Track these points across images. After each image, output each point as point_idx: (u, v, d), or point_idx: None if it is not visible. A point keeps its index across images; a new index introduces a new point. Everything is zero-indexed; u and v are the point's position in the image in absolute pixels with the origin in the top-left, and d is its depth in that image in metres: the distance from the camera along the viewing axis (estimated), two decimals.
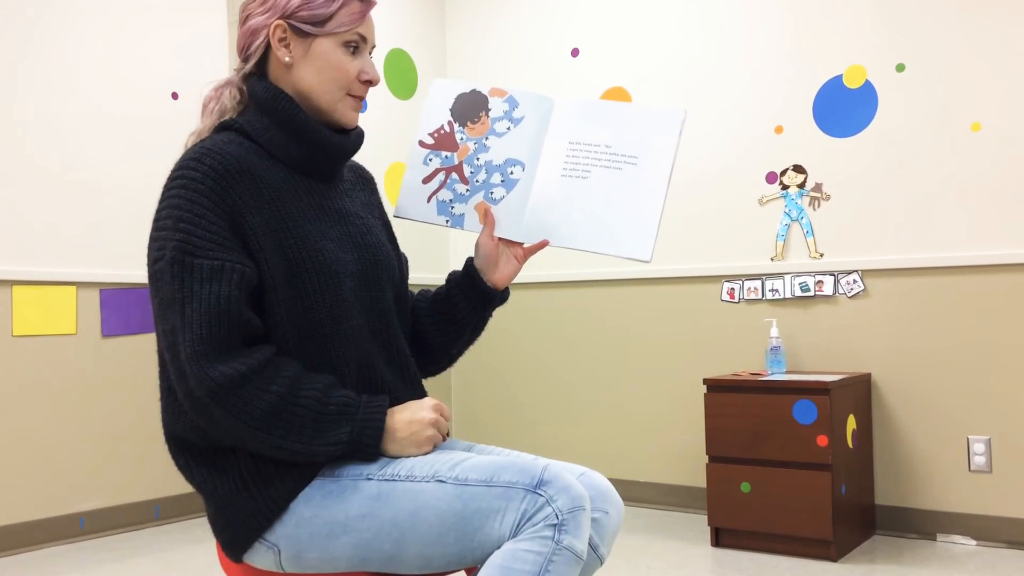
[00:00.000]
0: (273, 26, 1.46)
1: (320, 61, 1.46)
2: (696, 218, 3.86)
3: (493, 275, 1.61)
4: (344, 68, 1.47)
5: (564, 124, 1.58)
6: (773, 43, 3.68)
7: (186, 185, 1.36)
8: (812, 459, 3.05)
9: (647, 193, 1.54)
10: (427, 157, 1.62)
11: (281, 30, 1.46)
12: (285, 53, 1.46)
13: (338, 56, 1.47)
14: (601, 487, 1.45)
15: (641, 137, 1.55)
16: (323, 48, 1.46)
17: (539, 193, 1.57)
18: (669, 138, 1.55)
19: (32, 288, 3.42)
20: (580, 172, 1.56)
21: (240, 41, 1.51)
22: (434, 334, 1.65)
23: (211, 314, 1.31)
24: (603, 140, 1.56)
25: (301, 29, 1.45)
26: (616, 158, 1.55)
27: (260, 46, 1.48)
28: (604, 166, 1.56)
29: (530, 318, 4.31)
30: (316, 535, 1.35)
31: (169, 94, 3.87)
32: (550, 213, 1.56)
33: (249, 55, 1.49)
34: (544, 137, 1.58)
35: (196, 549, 3.35)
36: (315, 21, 1.45)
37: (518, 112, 1.59)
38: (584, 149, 1.57)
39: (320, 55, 1.46)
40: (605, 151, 1.56)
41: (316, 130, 1.47)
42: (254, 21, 1.48)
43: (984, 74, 3.26)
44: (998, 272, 3.22)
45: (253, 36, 1.48)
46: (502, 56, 4.46)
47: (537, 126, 1.59)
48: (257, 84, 1.48)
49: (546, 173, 1.57)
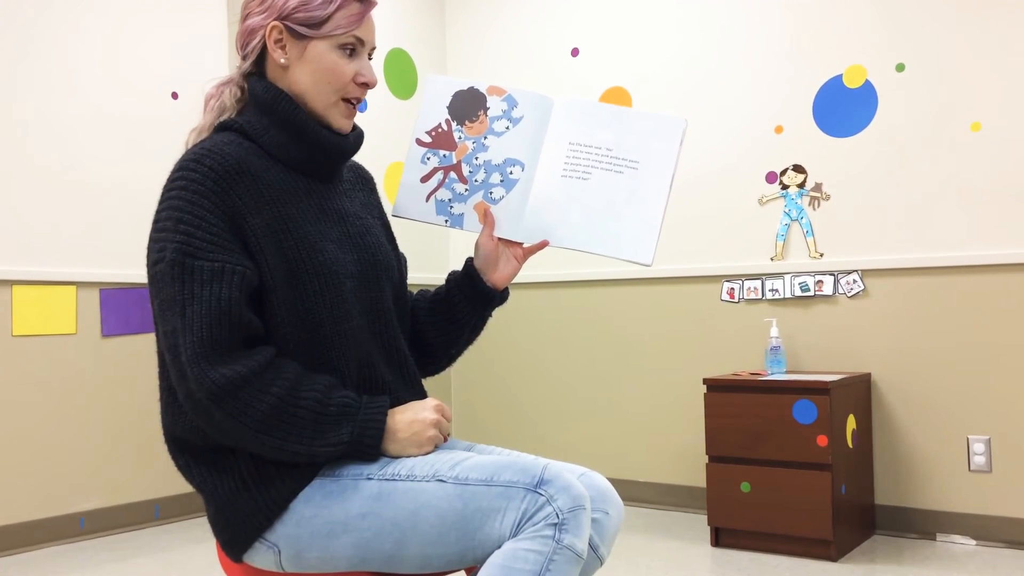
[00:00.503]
0: (270, 27, 1.45)
1: (315, 64, 1.45)
2: (696, 218, 3.86)
3: (493, 275, 1.61)
4: (339, 71, 1.46)
5: (564, 125, 1.57)
6: (773, 43, 3.68)
7: (186, 186, 1.36)
8: (812, 459, 3.05)
9: (648, 198, 1.54)
10: (425, 156, 1.61)
11: (277, 31, 1.45)
12: (281, 54, 1.46)
13: (333, 59, 1.46)
14: (601, 487, 1.45)
15: (642, 143, 1.55)
16: (318, 51, 1.45)
17: (539, 193, 1.57)
18: (671, 146, 1.55)
19: (32, 288, 3.42)
20: (581, 173, 1.56)
21: (239, 39, 1.51)
22: (434, 334, 1.65)
23: (212, 316, 1.31)
24: (604, 143, 1.56)
25: (297, 31, 1.44)
26: (617, 161, 1.55)
27: (257, 46, 1.47)
28: (605, 168, 1.55)
29: (530, 318, 4.31)
30: (316, 535, 1.35)
31: (169, 94, 3.87)
32: (550, 213, 1.56)
33: (247, 54, 1.49)
34: (544, 137, 1.57)
35: (196, 549, 3.35)
36: (311, 23, 1.44)
37: (517, 111, 1.59)
38: (585, 151, 1.56)
39: (315, 58, 1.45)
40: (607, 154, 1.56)
41: (316, 131, 1.47)
42: (252, 20, 1.47)
43: (984, 74, 3.26)
44: (998, 272, 3.23)
45: (250, 35, 1.48)
46: (502, 56, 4.46)
47: (536, 126, 1.58)
48: (257, 84, 1.48)
49: (546, 173, 1.57)
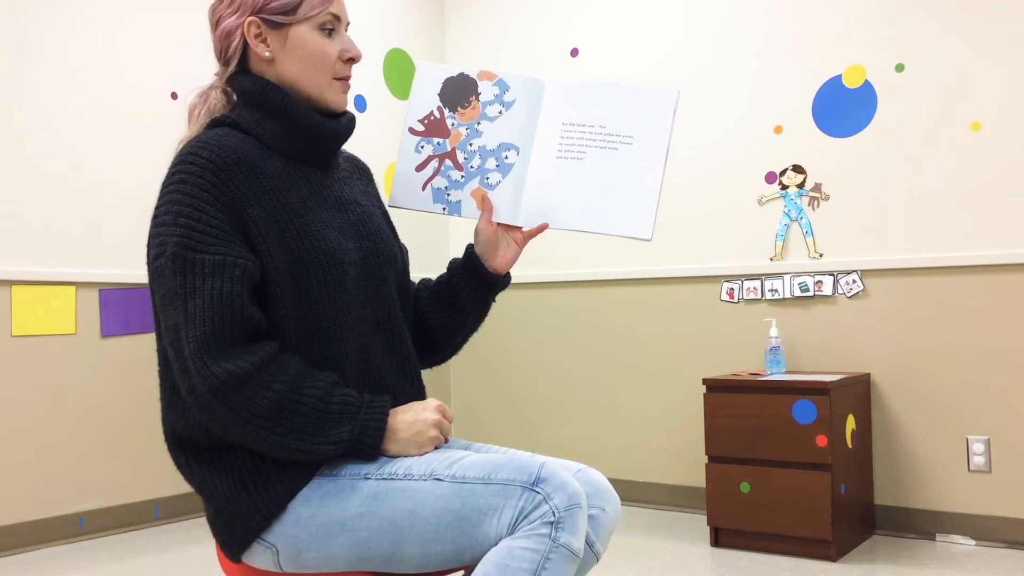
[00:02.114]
0: (247, 23, 1.45)
1: (300, 49, 1.46)
2: (695, 218, 3.86)
3: (494, 260, 1.61)
4: (324, 52, 1.47)
5: (557, 106, 1.57)
6: (772, 43, 3.68)
7: (185, 180, 1.35)
8: (811, 459, 3.05)
9: (644, 172, 1.53)
10: (418, 144, 1.61)
11: (255, 26, 1.45)
12: (264, 48, 1.46)
13: (316, 40, 1.46)
14: (598, 484, 1.45)
15: (635, 117, 1.55)
16: (300, 35, 1.45)
17: (535, 176, 1.56)
18: (663, 117, 1.54)
19: (31, 288, 3.42)
20: (575, 153, 1.56)
21: (216, 45, 1.50)
22: (437, 322, 1.64)
23: (214, 310, 1.30)
24: (597, 120, 1.55)
25: (274, 21, 1.45)
26: (611, 138, 1.55)
27: (238, 46, 1.47)
28: (599, 147, 1.55)
29: (529, 318, 4.31)
30: (315, 535, 1.35)
31: (168, 94, 3.87)
32: (548, 196, 1.56)
33: (229, 58, 1.48)
34: (537, 120, 1.57)
35: (195, 549, 3.35)
36: (286, 10, 1.44)
37: (509, 95, 1.58)
38: (578, 130, 1.56)
39: (298, 43, 1.46)
40: (600, 131, 1.55)
41: (307, 115, 1.47)
42: (226, 23, 1.47)
43: (984, 74, 3.26)
44: (997, 272, 3.22)
45: (228, 38, 1.47)
46: (501, 56, 4.46)
47: (529, 109, 1.58)
48: (244, 79, 1.47)
49: (541, 156, 1.56)
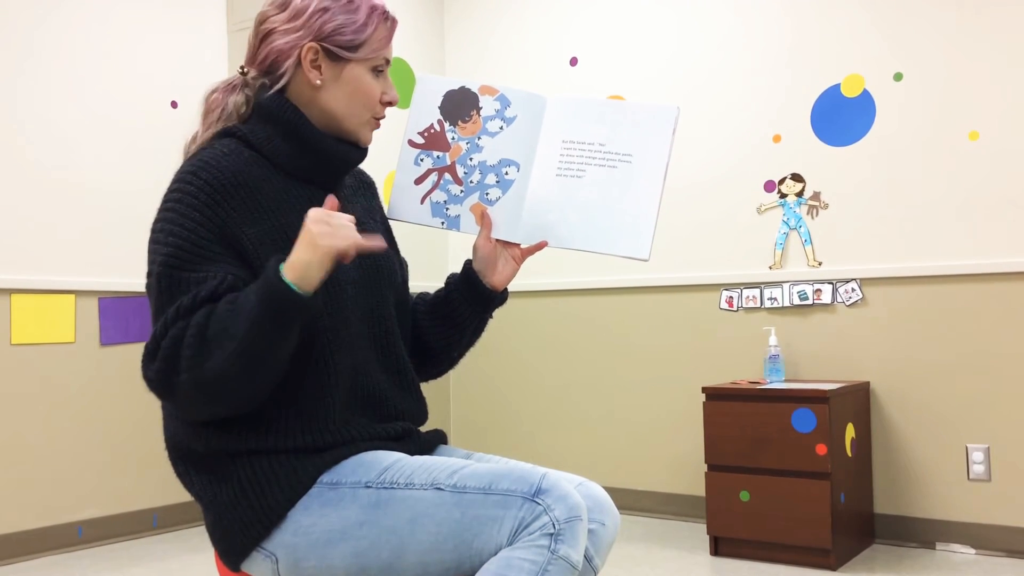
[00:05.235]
0: (306, 47, 1.44)
1: (351, 86, 1.47)
2: (694, 226, 3.86)
3: (492, 277, 1.60)
4: (372, 93, 1.49)
5: (557, 123, 1.57)
6: (771, 52, 3.69)
7: (180, 199, 1.36)
8: (811, 467, 3.05)
9: (643, 191, 1.53)
10: (418, 157, 1.61)
11: (313, 52, 1.44)
12: (316, 76, 1.45)
13: (367, 81, 1.48)
14: (598, 498, 1.45)
15: (635, 135, 1.54)
16: (355, 73, 1.47)
17: (535, 193, 1.56)
18: (663, 135, 1.53)
19: (31, 297, 3.42)
20: (575, 172, 1.55)
21: (261, 54, 1.48)
22: (434, 337, 1.64)
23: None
24: (597, 139, 1.55)
25: (335, 53, 1.45)
26: (610, 156, 1.55)
27: (291, 66, 1.45)
28: (599, 165, 1.55)
29: (528, 327, 4.31)
30: (314, 544, 1.35)
31: (168, 103, 3.87)
32: (547, 213, 1.55)
33: (279, 75, 1.46)
34: (538, 136, 1.57)
35: (194, 558, 3.35)
36: (350, 46, 1.45)
37: (510, 111, 1.58)
38: (578, 148, 1.56)
39: (352, 80, 1.47)
40: (599, 150, 1.55)
41: (321, 139, 1.47)
42: (283, 41, 1.45)
43: (982, 83, 3.27)
44: (996, 281, 3.23)
45: (281, 55, 1.46)
46: (501, 66, 4.46)
47: (530, 125, 1.57)
48: (264, 96, 1.47)
49: (541, 173, 1.56)
